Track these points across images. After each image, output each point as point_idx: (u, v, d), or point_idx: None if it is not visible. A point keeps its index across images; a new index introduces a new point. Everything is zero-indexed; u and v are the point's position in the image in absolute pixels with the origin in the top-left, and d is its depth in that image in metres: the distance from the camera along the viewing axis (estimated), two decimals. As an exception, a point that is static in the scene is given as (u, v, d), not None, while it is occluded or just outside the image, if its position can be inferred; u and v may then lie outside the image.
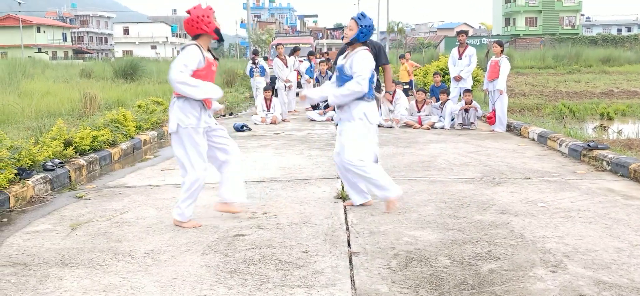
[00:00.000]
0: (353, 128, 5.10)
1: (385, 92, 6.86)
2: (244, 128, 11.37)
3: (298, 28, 64.96)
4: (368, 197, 5.43)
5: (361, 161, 5.09)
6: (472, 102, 11.37)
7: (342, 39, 5.27)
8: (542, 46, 55.71)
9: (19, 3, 71.57)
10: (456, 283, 3.55)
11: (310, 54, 17.44)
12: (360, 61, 4.99)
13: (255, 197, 5.80)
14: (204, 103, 4.69)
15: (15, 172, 5.89)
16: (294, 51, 16.24)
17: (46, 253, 4.20)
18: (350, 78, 5.02)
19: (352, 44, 5.12)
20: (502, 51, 11.06)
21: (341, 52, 5.66)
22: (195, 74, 4.59)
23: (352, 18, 5.16)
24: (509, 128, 10.91)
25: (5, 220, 5.19)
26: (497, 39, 14.00)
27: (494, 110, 10.99)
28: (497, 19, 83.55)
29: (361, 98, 5.06)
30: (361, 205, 5.39)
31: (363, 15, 5.15)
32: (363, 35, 5.09)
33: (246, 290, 3.46)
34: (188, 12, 4.67)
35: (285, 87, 13.71)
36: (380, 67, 6.81)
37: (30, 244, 4.43)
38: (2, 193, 5.51)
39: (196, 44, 4.66)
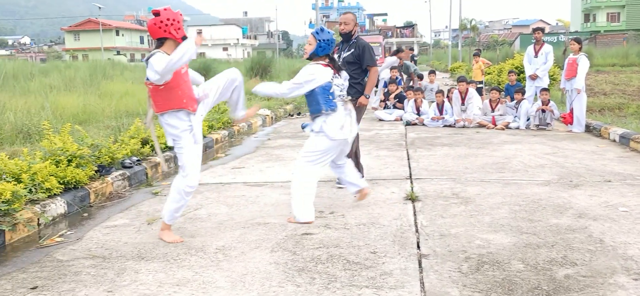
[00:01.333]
0: (311, 141, 5.04)
1: (362, 95, 6.31)
2: (313, 127, 11.41)
3: (367, 27, 64.81)
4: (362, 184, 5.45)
5: (301, 173, 4.96)
6: (549, 102, 10.98)
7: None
8: (626, 43, 53.12)
9: (99, 8, 74.86)
10: (530, 288, 3.42)
11: None
12: (302, 70, 4.98)
13: (322, 197, 5.81)
14: (189, 109, 4.40)
15: (96, 168, 6.16)
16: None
17: (123, 247, 4.37)
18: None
19: (311, 58, 5.08)
20: (580, 48, 10.61)
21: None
22: (168, 83, 4.29)
23: (311, 33, 5.13)
24: (588, 128, 10.46)
25: (85, 214, 5.44)
26: (575, 36, 13.46)
27: (571, 110, 10.57)
28: (575, 15, 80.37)
29: (318, 113, 4.96)
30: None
31: (321, 29, 5.11)
32: (321, 49, 5.01)
33: (314, 289, 3.47)
34: (156, 12, 4.32)
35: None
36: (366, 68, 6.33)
37: (109, 238, 4.62)
38: (83, 189, 5.78)
39: (162, 51, 4.31)
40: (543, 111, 10.89)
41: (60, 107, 10.95)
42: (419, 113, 12.13)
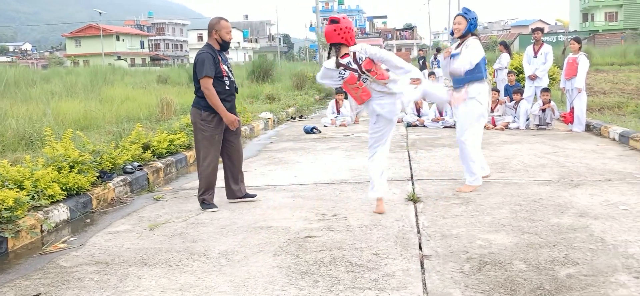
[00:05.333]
0: (464, 113, 5.98)
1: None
2: (314, 130, 11.44)
3: (367, 30, 64.82)
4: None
5: (470, 144, 6.00)
6: (550, 101, 11.00)
7: (451, 34, 6.03)
8: (624, 42, 53.14)
9: (100, 13, 75.01)
10: (532, 288, 3.44)
11: None
12: (472, 48, 5.83)
13: (325, 199, 5.83)
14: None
15: (98, 174, 6.17)
16: None
17: (126, 253, 4.38)
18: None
19: (464, 36, 5.91)
20: (580, 48, 10.63)
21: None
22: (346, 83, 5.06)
23: (459, 14, 5.96)
24: (588, 128, 10.48)
25: (88, 220, 5.45)
26: (575, 36, 13.50)
27: (571, 109, 10.59)
28: (574, 15, 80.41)
29: (480, 79, 5.92)
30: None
31: (468, 10, 5.91)
32: (473, 26, 5.91)
33: (317, 292, 3.49)
34: (334, 19, 5.01)
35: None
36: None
37: (111, 244, 4.64)
38: (86, 195, 5.80)
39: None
40: (543, 111, 10.90)
41: (62, 113, 10.98)
42: (419, 115, 12.15)
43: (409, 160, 7.93)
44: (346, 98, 13.63)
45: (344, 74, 4.99)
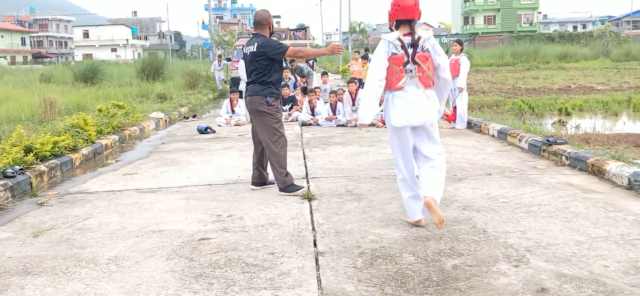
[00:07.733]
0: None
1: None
2: (208, 130, 11.27)
3: (261, 28, 64.76)
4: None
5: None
6: (434, 100, 11.51)
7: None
8: (501, 44, 56.84)
9: (-27, 6, 69.55)
10: (421, 279, 3.60)
11: None
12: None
13: (220, 200, 5.77)
14: None
15: (-28, 180, 5.74)
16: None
17: (7, 262, 4.11)
18: None
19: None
20: (461, 50, 11.20)
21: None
22: None
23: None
24: (469, 125, 11.08)
25: (-38, 230, 5.06)
26: (457, 38, 14.22)
27: (454, 108, 11.15)
28: (456, 18, 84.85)
29: None
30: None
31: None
32: None
33: (212, 294, 3.45)
34: None
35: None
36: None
37: (-10, 254, 4.33)
38: (-41, 202, 5.37)
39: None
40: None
41: None
42: (313, 114, 12.32)
43: (304, 159, 8.03)
44: (241, 97, 13.54)
45: (396, 52, 4.66)
